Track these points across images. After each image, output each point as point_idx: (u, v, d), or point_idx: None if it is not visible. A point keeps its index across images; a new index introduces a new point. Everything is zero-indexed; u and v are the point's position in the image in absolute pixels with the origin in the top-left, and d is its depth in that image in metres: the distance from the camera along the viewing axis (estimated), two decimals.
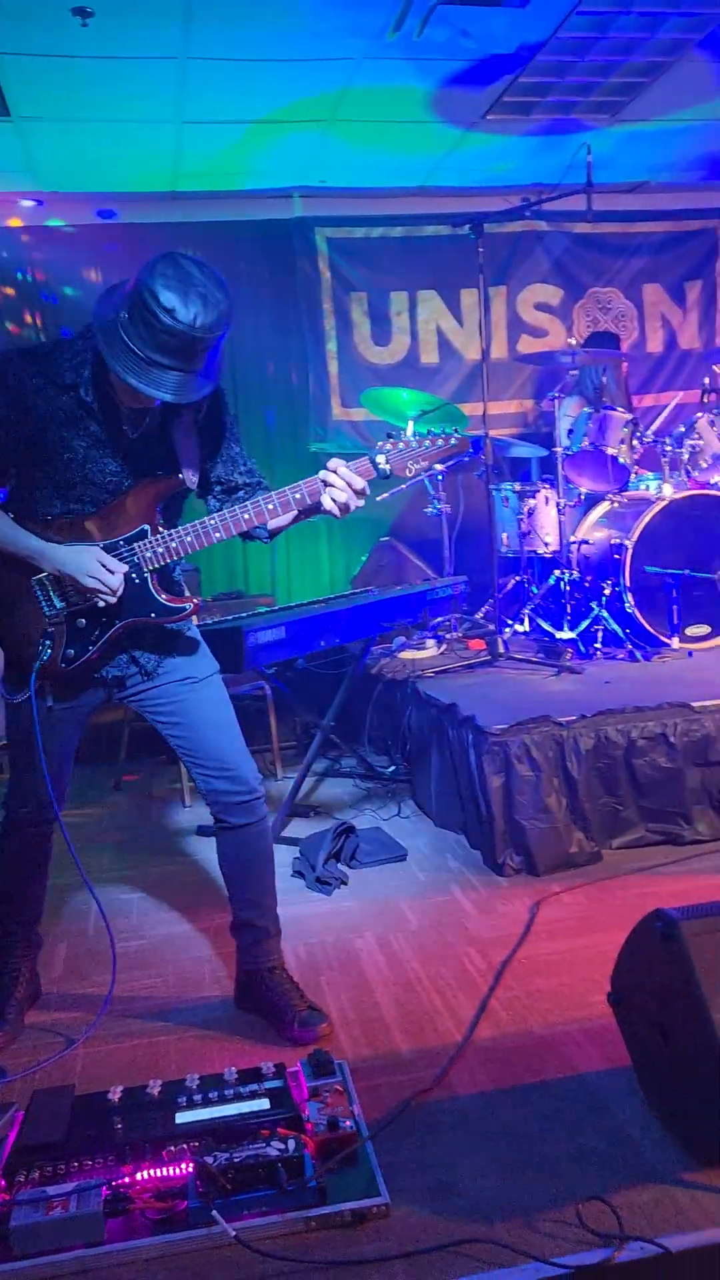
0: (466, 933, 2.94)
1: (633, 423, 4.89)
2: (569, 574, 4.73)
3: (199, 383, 2.10)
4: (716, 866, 3.30)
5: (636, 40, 4.24)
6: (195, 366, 2.07)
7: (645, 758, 3.44)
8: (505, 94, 4.69)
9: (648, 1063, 2.02)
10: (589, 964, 2.66)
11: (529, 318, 6.32)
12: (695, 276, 6.49)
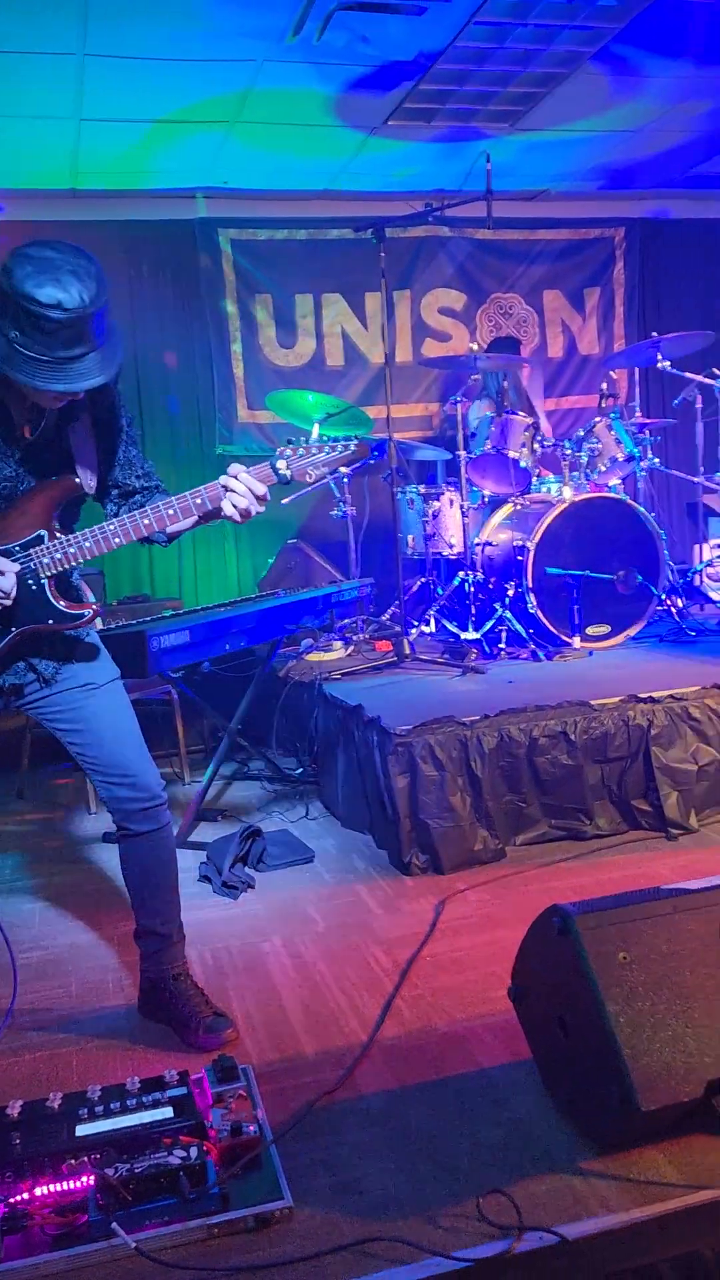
0: (372, 933, 2.96)
1: (534, 426, 4.98)
2: (473, 575, 4.79)
3: (108, 351, 2.08)
4: (616, 861, 3.38)
5: (533, 51, 4.32)
6: (97, 339, 2.05)
7: (547, 755, 3.51)
8: (406, 100, 4.74)
9: (547, 1054, 2.06)
10: (492, 960, 2.70)
11: (433, 322, 6.39)
12: (594, 284, 6.65)
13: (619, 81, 4.71)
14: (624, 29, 4.16)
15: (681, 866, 3.26)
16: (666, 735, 3.57)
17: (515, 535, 4.84)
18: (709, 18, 4.13)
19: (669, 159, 5.83)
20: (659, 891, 1.97)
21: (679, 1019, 1.81)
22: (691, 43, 4.35)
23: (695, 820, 3.56)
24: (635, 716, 3.56)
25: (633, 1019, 1.79)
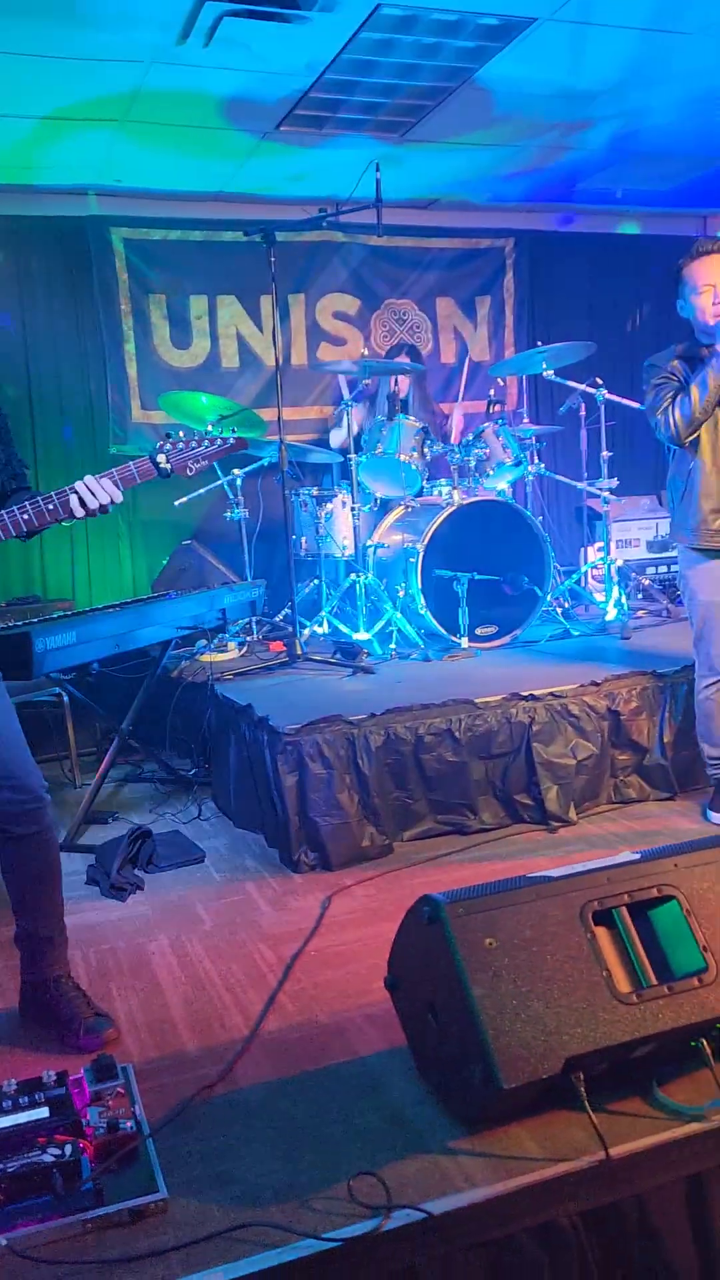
0: (260, 930, 3.00)
1: (424, 430, 5.08)
2: (365, 577, 4.87)
3: None
4: (498, 853, 3.49)
5: (419, 66, 4.42)
6: None
7: (432, 753, 3.60)
8: (297, 107, 4.79)
9: (420, 1040, 2.13)
10: (375, 953, 2.76)
11: (328, 326, 6.45)
12: (485, 292, 6.80)
13: (503, 98, 4.83)
14: (507, 48, 4.28)
15: (560, 858, 3.38)
16: (547, 731, 3.70)
17: (406, 537, 4.94)
18: (587, 43, 4.28)
19: (556, 173, 6.00)
20: (523, 880, 2.06)
21: (540, 1000, 1.89)
22: (573, 64, 4.50)
23: (574, 813, 3.70)
24: (517, 714, 3.67)
25: (497, 1001, 1.87)
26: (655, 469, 7.32)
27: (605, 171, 6.03)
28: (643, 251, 7.15)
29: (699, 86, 4.85)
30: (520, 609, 4.91)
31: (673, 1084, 2.06)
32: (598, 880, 2.06)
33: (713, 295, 3.25)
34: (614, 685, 3.84)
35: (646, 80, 4.74)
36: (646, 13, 4.07)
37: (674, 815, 3.73)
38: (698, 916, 2.05)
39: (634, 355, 7.14)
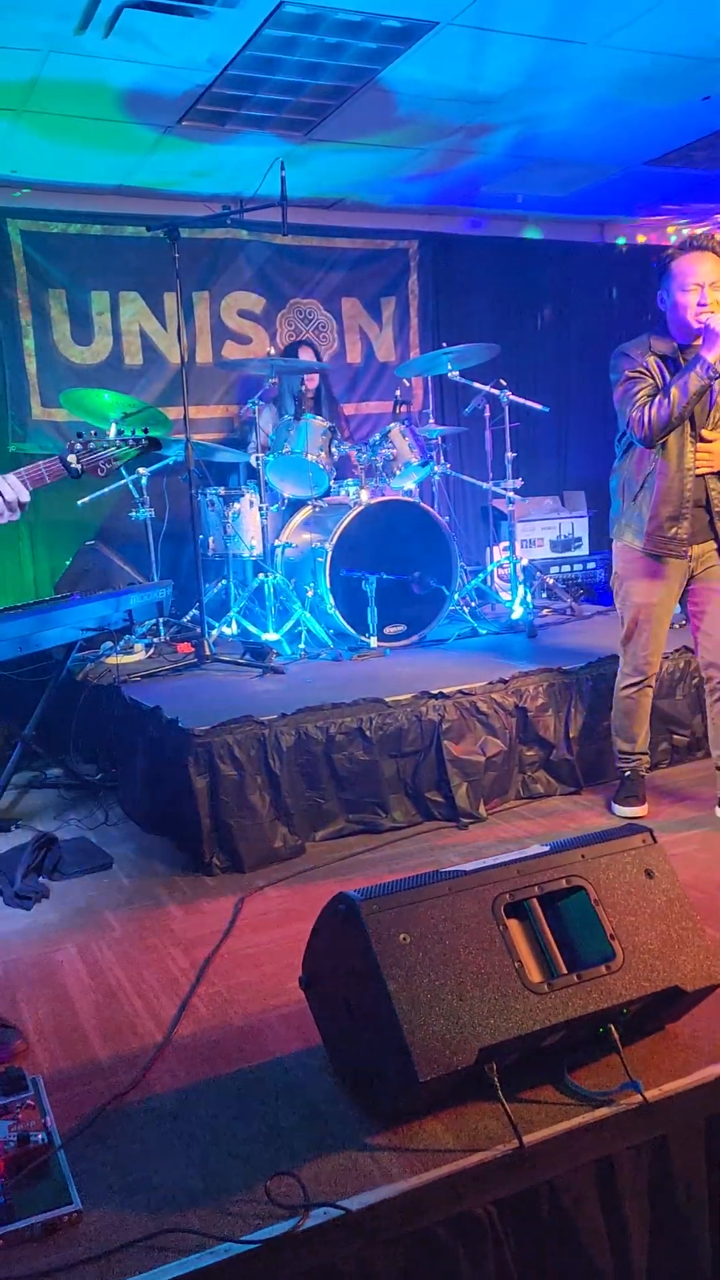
0: (171, 934, 2.96)
1: (331, 430, 5.09)
2: (273, 577, 4.85)
3: None
4: (410, 851, 3.52)
5: (323, 65, 4.42)
6: None
7: (344, 752, 3.61)
8: (199, 103, 4.74)
9: (336, 1037, 2.13)
10: (289, 953, 2.75)
11: (233, 324, 6.41)
12: (390, 293, 6.84)
13: (406, 100, 4.87)
14: (410, 50, 4.32)
15: (471, 853, 3.42)
16: (457, 729, 3.74)
17: (314, 537, 4.93)
18: (487, 49, 4.34)
19: (458, 177, 6.07)
20: (437, 875, 2.08)
21: (454, 993, 1.91)
22: (474, 69, 4.56)
23: (484, 809, 3.75)
24: (427, 712, 3.71)
25: (412, 996, 1.88)
26: (557, 470, 7.50)
27: (506, 177, 6.13)
28: (543, 256, 7.29)
29: (595, 96, 4.96)
30: (428, 608, 4.96)
31: (582, 1070, 2.11)
32: (509, 873, 2.09)
33: (699, 295, 3.16)
34: (521, 683, 3.91)
35: (545, 88, 4.83)
36: (545, 21, 4.14)
37: (580, 809, 3.81)
38: (605, 905, 2.10)
39: (537, 357, 7.29)
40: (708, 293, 3.15)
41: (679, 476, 3.31)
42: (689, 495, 3.31)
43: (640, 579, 3.48)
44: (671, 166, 6.07)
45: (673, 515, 3.34)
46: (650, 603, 3.46)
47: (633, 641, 3.54)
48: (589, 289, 7.50)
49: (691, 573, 3.43)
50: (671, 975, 2.07)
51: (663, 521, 3.35)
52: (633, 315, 7.68)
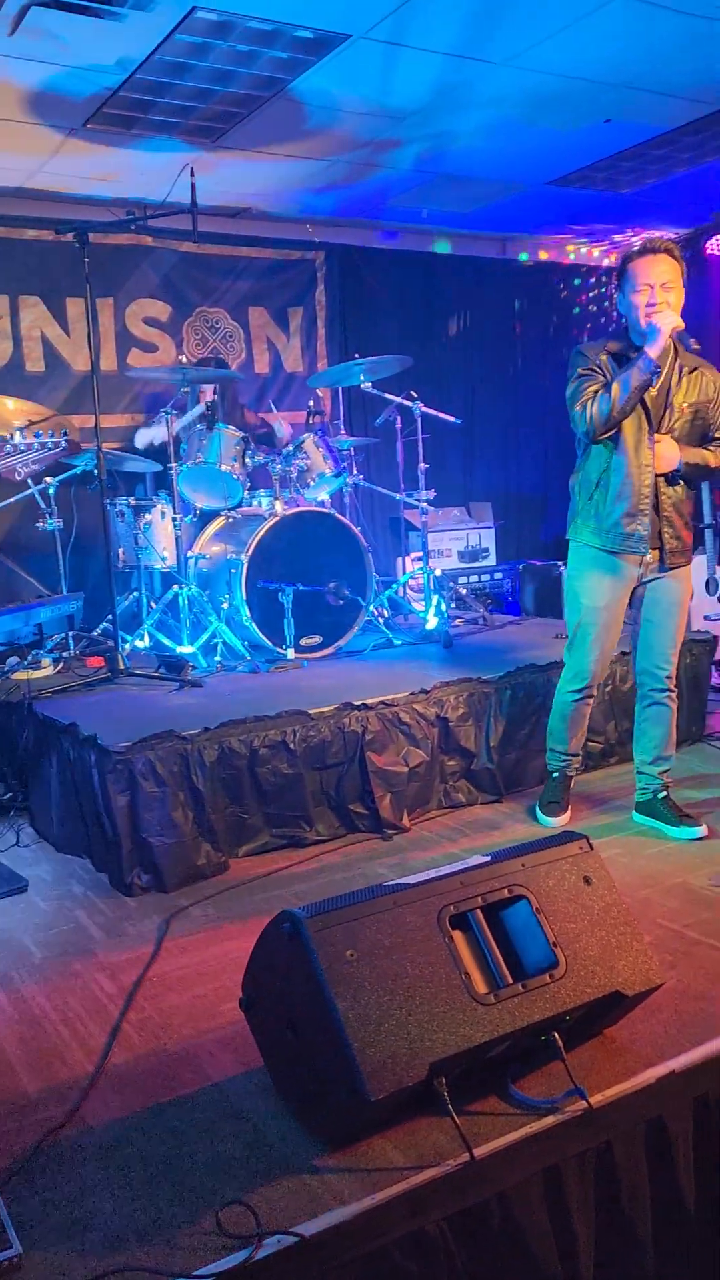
0: (95, 959, 2.86)
1: (245, 440, 5.04)
2: (187, 588, 4.77)
3: None
4: (335, 864, 3.49)
5: (234, 72, 4.38)
6: None
7: (267, 765, 3.56)
8: (106, 106, 4.65)
9: (279, 1060, 2.09)
10: (221, 974, 2.70)
11: (138, 332, 6.30)
12: (298, 304, 6.83)
13: (316, 111, 4.87)
14: (322, 61, 4.32)
15: (396, 864, 3.42)
16: (380, 740, 3.73)
17: (228, 548, 4.88)
18: (398, 64, 4.37)
19: (366, 190, 6.10)
20: (381, 889, 2.06)
21: (402, 1008, 1.90)
22: (385, 83, 4.59)
23: (407, 820, 3.75)
24: (351, 723, 3.69)
25: (360, 1013, 1.86)
26: (463, 482, 7.59)
27: (413, 191, 6.19)
28: (448, 270, 7.38)
29: (502, 115, 5.04)
30: (343, 619, 4.95)
31: (526, 1079, 2.11)
32: (452, 885, 2.09)
33: (649, 295, 3.23)
34: (442, 693, 3.92)
35: (454, 105, 4.89)
36: (456, 39, 4.20)
37: (502, 817, 3.84)
38: (546, 914, 2.11)
39: (443, 370, 7.37)
40: (657, 292, 3.23)
41: (637, 473, 3.33)
42: (646, 493, 3.34)
43: (591, 580, 3.47)
44: (573, 187, 6.22)
45: (630, 512, 3.36)
46: (598, 606, 3.47)
47: (576, 647, 3.55)
48: (493, 304, 7.63)
49: (640, 579, 3.48)
50: (612, 980, 2.09)
51: (620, 518, 3.37)
52: (536, 330, 7.85)
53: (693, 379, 3.38)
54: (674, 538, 3.42)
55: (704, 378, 3.40)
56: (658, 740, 3.57)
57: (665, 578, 3.47)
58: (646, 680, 3.55)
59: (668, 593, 3.48)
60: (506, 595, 7.10)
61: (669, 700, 3.53)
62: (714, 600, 5.83)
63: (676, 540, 3.43)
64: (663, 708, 3.55)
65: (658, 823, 3.53)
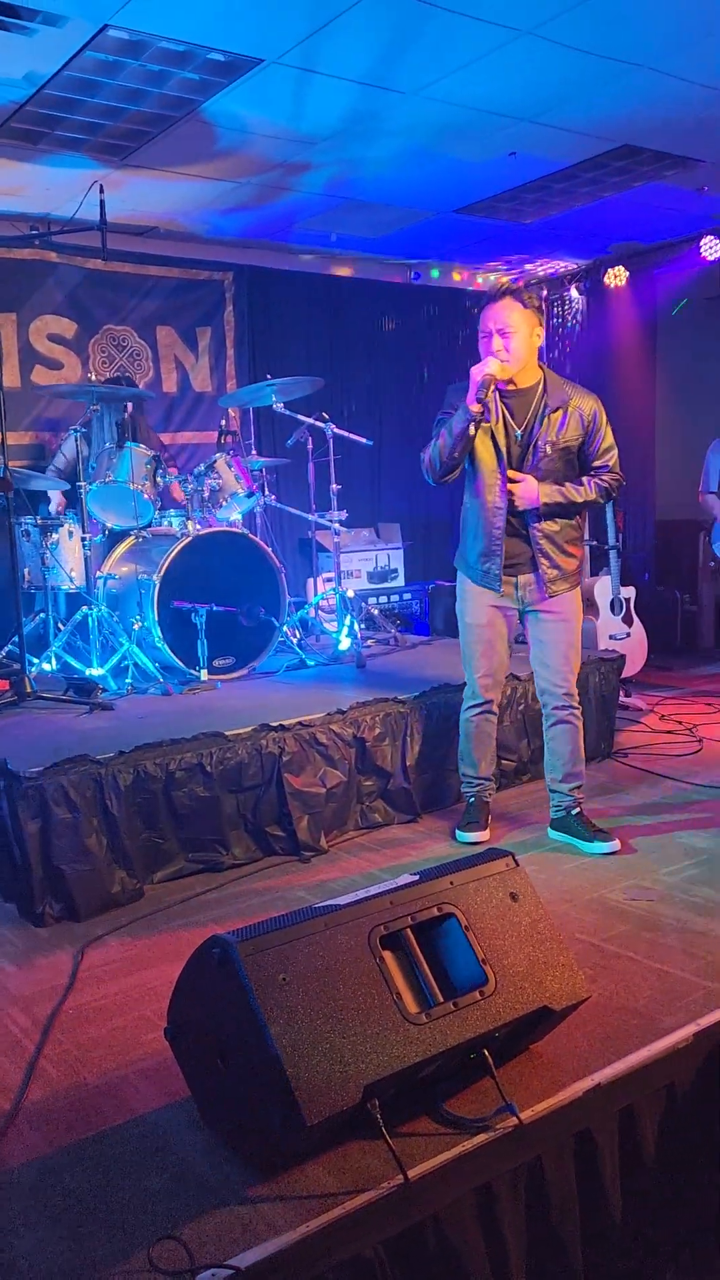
0: (6, 992, 2.76)
1: (155, 459, 4.99)
2: (97, 609, 4.68)
3: None
4: (253, 889, 3.45)
5: (144, 91, 4.36)
6: None
7: (184, 789, 3.51)
8: (12, 119, 4.58)
9: (207, 1088, 2.04)
10: (140, 1003, 2.64)
11: (42, 348, 6.19)
12: (206, 323, 6.81)
13: (227, 133, 4.88)
14: (233, 85, 4.33)
15: (315, 886, 3.40)
16: (297, 761, 3.71)
17: (139, 568, 4.81)
18: (309, 90, 4.42)
19: (275, 213, 6.13)
20: (311, 910, 2.04)
21: (335, 1031, 1.88)
22: (296, 108, 4.62)
23: (325, 841, 3.73)
24: (268, 745, 3.66)
25: (294, 1037, 1.83)
26: (371, 503, 7.65)
27: (322, 215, 6.25)
28: (356, 294, 7.47)
29: (410, 143, 5.13)
30: (257, 640, 4.92)
31: (457, 1098, 2.11)
32: (382, 904, 2.08)
33: (489, 343, 3.31)
34: (359, 713, 3.93)
35: (363, 132, 4.96)
36: (367, 68, 4.26)
37: (419, 837, 3.86)
38: (475, 931, 2.12)
39: (352, 392, 7.43)
40: (495, 340, 3.32)
41: (490, 515, 3.45)
42: (497, 534, 3.45)
43: (470, 601, 3.61)
44: (479, 216, 6.37)
45: (483, 552, 3.50)
46: (479, 624, 3.58)
47: (468, 665, 3.66)
48: (401, 327, 7.74)
49: (523, 602, 3.55)
50: (540, 996, 2.11)
51: (478, 558, 3.53)
52: (443, 353, 7.98)
53: (558, 418, 3.39)
54: (551, 568, 3.49)
55: (578, 411, 3.42)
56: (565, 757, 3.63)
57: (548, 604, 3.53)
58: (548, 700, 3.62)
59: (553, 617, 3.55)
60: (416, 616, 7.17)
61: (573, 718, 3.60)
62: (619, 620, 6.01)
63: (555, 570, 3.50)
64: (567, 725, 3.61)
65: (572, 839, 3.59)
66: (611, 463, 3.50)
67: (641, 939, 2.83)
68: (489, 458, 3.42)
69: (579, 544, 3.58)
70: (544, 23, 3.91)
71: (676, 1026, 2.33)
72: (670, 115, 4.87)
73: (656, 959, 2.70)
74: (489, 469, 3.42)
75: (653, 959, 2.70)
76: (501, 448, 3.41)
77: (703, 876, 3.27)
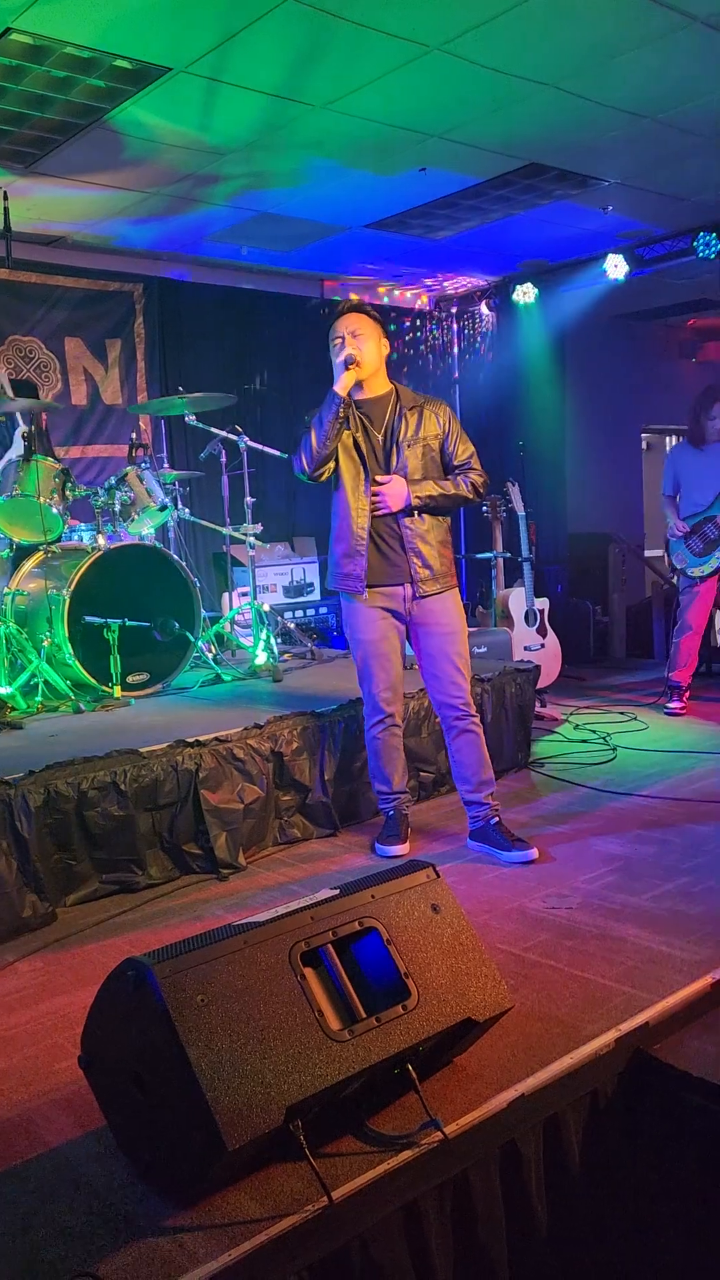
0: None
1: (64, 473, 4.88)
2: (5, 626, 4.54)
3: None
4: (171, 908, 3.37)
5: (50, 98, 4.28)
6: None
7: (97, 808, 3.41)
8: None
9: (124, 1117, 1.97)
10: (53, 1031, 2.55)
11: None
12: (116, 335, 6.71)
13: (136, 143, 4.82)
14: (142, 94, 4.28)
15: (234, 904, 3.34)
16: (214, 777, 3.65)
17: (48, 584, 4.69)
18: (219, 100, 4.39)
19: (185, 224, 6.08)
20: (230, 929, 1.99)
21: (256, 1051, 1.83)
22: (205, 119, 4.59)
23: (243, 858, 3.67)
24: (184, 761, 3.59)
25: (213, 1060, 1.78)
26: (286, 517, 7.62)
27: (232, 228, 6.21)
28: (269, 306, 7.45)
29: (319, 157, 5.14)
30: (171, 655, 4.84)
31: (381, 1115, 2.08)
32: (302, 920, 2.04)
33: (339, 344, 3.49)
34: (276, 727, 3.88)
35: (274, 144, 4.95)
36: (277, 80, 4.25)
37: (338, 851, 3.82)
38: (397, 944, 2.10)
39: (268, 404, 7.40)
40: (347, 340, 3.48)
41: (355, 514, 3.50)
42: (362, 533, 3.49)
43: (355, 617, 3.59)
44: (390, 231, 6.41)
45: (347, 552, 3.53)
46: (370, 639, 3.57)
47: (367, 680, 3.63)
48: (312, 340, 7.71)
49: (409, 615, 3.57)
50: (463, 1007, 2.09)
51: (340, 558, 3.54)
52: None
53: (414, 417, 3.54)
54: (423, 567, 3.53)
55: (433, 413, 3.58)
56: (474, 767, 3.63)
57: (424, 609, 3.55)
58: (445, 712, 3.63)
59: (431, 624, 3.57)
60: (332, 630, 7.15)
61: (474, 726, 3.62)
62: (534, 631, 6.08)
63: (426, 570, 3.53)
64: (468, 734, 3.61)
65: (491, 848, 3.60)
66: (474, 463, 3.60)
67: (562, 947, 2.85)
68: (351, 465, 3.51)
69: (449, 546, 3.62)
70: (452, 39, 3.95)
71: (598, 1033, 2.34)
72: (575, 135, 4.97)
73: (577, 966, 2.71)
74: (350, 471, 3.51)
75: (573, 966, 2.72)
76: (365, 453, 3.51)
77: (620, 883, 3.31)
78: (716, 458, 5.54)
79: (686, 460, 5.64)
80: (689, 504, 5.61)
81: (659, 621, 7.63)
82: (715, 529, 5.47)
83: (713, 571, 5.53)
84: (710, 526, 5.48)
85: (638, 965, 2.70)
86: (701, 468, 5.56)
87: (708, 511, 5.50)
